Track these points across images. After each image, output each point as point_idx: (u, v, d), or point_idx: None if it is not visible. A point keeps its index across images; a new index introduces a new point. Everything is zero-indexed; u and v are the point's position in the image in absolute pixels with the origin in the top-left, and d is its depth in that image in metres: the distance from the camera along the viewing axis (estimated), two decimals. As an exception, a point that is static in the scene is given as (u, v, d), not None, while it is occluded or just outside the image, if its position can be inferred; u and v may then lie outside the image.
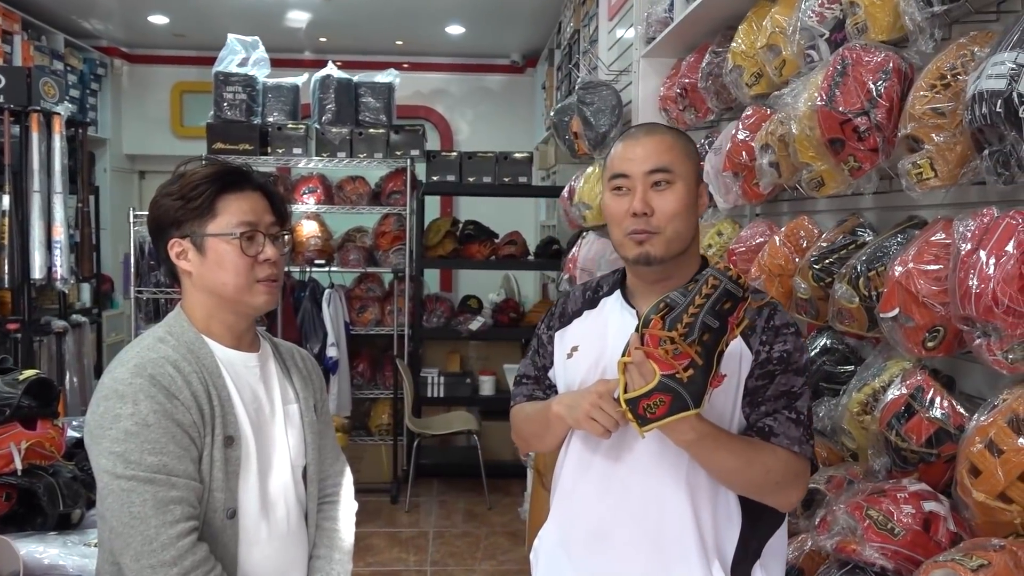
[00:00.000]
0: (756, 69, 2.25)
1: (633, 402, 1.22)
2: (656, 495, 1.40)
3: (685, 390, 1.20)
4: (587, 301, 1.59)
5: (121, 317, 6.08)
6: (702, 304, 1.20)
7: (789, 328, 1.40)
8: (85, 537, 1.66)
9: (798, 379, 1.38)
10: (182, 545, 1.27)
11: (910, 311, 1.45)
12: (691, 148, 1.48)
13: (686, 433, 1.27)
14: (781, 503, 1.39)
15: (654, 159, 1.43)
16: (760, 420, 1.37)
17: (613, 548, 1.43)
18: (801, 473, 1.37)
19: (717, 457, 1.32)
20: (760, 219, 2.44)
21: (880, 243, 1.67)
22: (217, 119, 5.04)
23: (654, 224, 1.41)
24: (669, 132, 1.48)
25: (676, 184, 1.42)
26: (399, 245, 5.26)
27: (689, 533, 1.38)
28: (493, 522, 4.72)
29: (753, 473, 1.33)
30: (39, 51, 5.82)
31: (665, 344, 1.19)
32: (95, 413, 1.32)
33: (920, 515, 1.35)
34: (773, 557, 1.43)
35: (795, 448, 1.35)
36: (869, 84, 1.59)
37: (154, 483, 1.27)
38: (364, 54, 7.12)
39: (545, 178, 6.61)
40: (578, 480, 1.50)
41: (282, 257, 1.46)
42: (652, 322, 1.21)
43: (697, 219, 1.48)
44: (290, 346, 1.62)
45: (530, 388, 1.62)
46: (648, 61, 3.16)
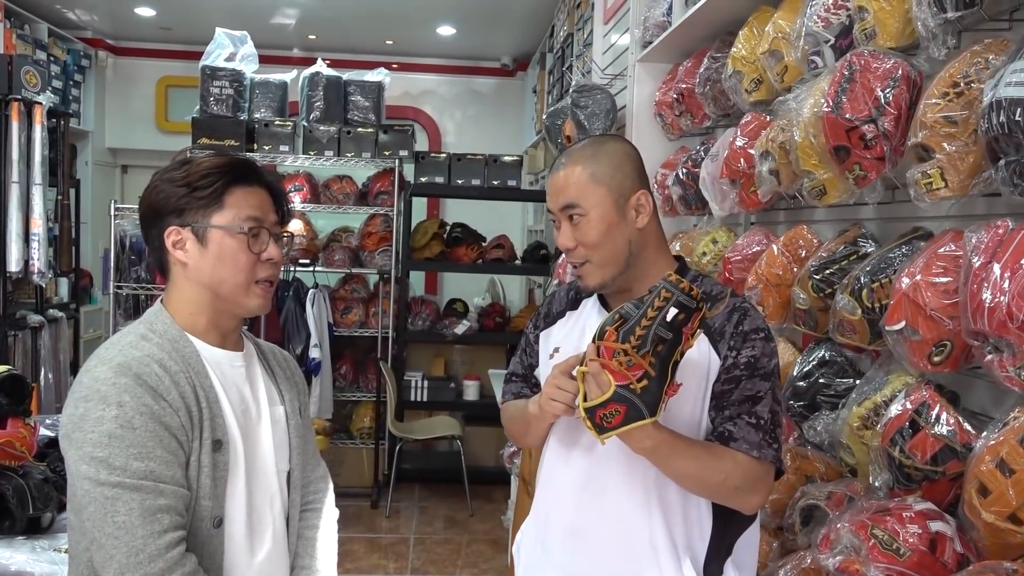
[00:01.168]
0: (756, 75, 2.21)
1: (591, 411, 1.25)
2: (627, 495, 1.43)
3: (640, 400, 1.23)
4: (570, 302, 1.63)
5: (99, 313, 5.96)
6: (654, 317, 1.23)
7: (758, 333, 1.41)
8: (55, 542, 1.59)
9: (764, 384, 1.39)
10: (171, 556, 1.19)
11: (916, 324, 1.41)
12: (604, 167, 1.45)
13: (643, 441, 1.30)
14: (743, 506, 1.41)
15: (561, 196, 1.47)
16: (722, 425, 1.39)
17: (587, 546, 1.46)
18: (761, 478, 1.38)
19: (675, 464, 1.35)
20: (756, 227, 2.41)
21: (884, 254, 1.63)
22: (203, 114, 4.96)
23: (581, 255, 1.47)
24: (579, 158, 1.47)
25: (589, 214, 1.44)
26: (385, 246, 5.20)
27: (659, 533, 1.41)
28: (475, 529, 4.65)
29: (711, 478, 1.36)
30: (22, 40, 5.71)
31: (619, 356, 1.22)
32: (73, 415, 1.23)
33: (926, 535, 1.31)
34: (744, 553, 1.47)
35: (754, 453, 1.36)
36: (877, 91, 1.55)
37: (141, 490, 1.19)
38: (354, 53, 7.05)
39: (534, 182, 6.56)
40: (555, 478, 1.54)
41: (283, 259, 1.41)
42: (607, 333, 1.24)
43: (631, 232, 1.46)
44: (271, 346, 1.55)
45: (518, 386, 1.68)
46: (644, 65, 3.13)
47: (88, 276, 6.07)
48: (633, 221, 1.46)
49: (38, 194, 3.93)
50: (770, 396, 1.40)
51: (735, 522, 1.45)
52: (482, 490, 5.07)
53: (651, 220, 1.49)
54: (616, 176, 1.46)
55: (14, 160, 3.82)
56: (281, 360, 1.53)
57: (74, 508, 1.27)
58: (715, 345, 1.40)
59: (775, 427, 1.40)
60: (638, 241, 1.47)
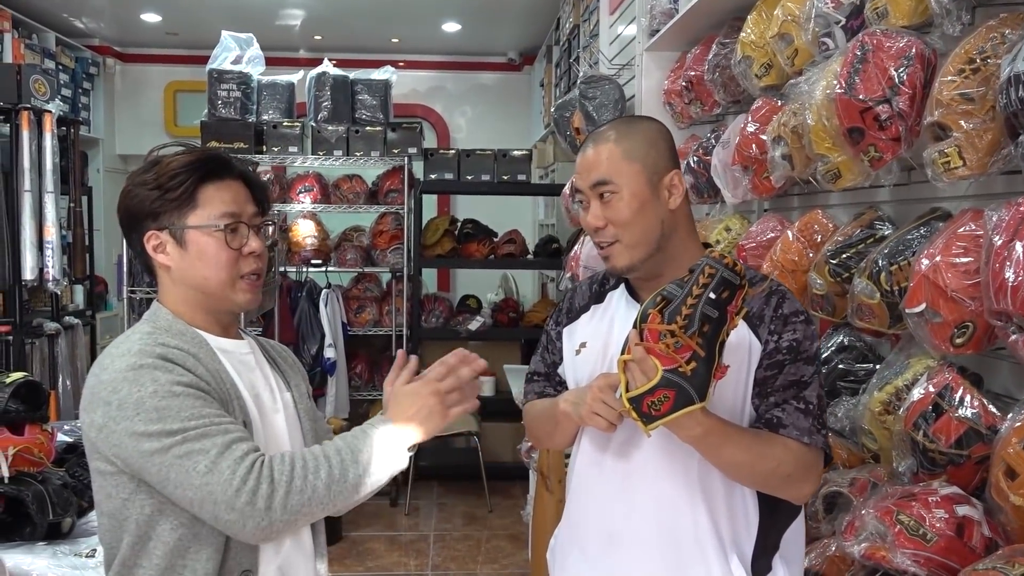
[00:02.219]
0: (766, 59, 2.19)
1: (636, 400, 1.19)
2: (669, 494, 1.38)
3: (689, 384, 1.17)
4: (594, 295, 1.57)
5: (115, 319, 5.99)
6: (700, 294, 1.17)
7: (798, 316, 1.37)
8: (76, 547, 1.59)
9: (808, 368, 1.35)
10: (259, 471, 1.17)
11: (937, 306, 1.39)
12: (639, 144, 1.42)
13: (692, 428, 1.25)
14: (793, 496, 1.36)
15: (594, 172, 1.42)
16: (769, 411, 1.34)
17: (628, 548, 1.41)
18: (813, 465, 1.33)
19: (725, 452, 1.29)
20: (770, 214, 2.38)
21: (902, 236, 1.61)
22: (211, 117, 4.97)
23: (610, 235, 1.42)
24: (612, 135, 1.43)
25: (621, 192, 1.40)
26: (397, 244, 5.19)
27: (705, 530, 1.36)
28: (494, 525, 4.65)
29: (763, 467, 1.31)
30: (30, 49, 5.74)
31: (665, 338, 1.17)
32: (107, 411, 1.20)
33: (953, 520, 1.29)
34: (791, 546, 1.42)
35: (804, 439, 1.31)
36: (891, 71, 1.53)
37: (207, 436, 1.17)
38: (360, 52, 7.05)
39: (543, 176, 6.54)
40: (590, 479, 1.48)
41: (266, 250, 1.38)
42: (650, 316, 1.19)
43: (664, 212, 1.42)
44: (266, 339, 1.55)
45: (541, 385, 1.62)
46: (652, 54, 3.10)
47: (103, 283, 6.10)
48: (666, 201, 1.42)
49: (50, 202, 3.94)
50: (816, 381, 1.35)
51: (782, 514, 1.40)
52: (500, 486, 5.07)
53: (683, 202, 1.44)
54: (650, 153, 1.42)
55: (26, 168, 3.83)
56: (280, 351, 1.53)
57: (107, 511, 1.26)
58: (755, 330, 1.36)
59: (822, 412, 1.36)
60: (670, 222, 1.42)
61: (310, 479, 1.19)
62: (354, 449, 1.25)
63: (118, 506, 1.25)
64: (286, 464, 1.19)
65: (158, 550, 1.23)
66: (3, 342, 3.89)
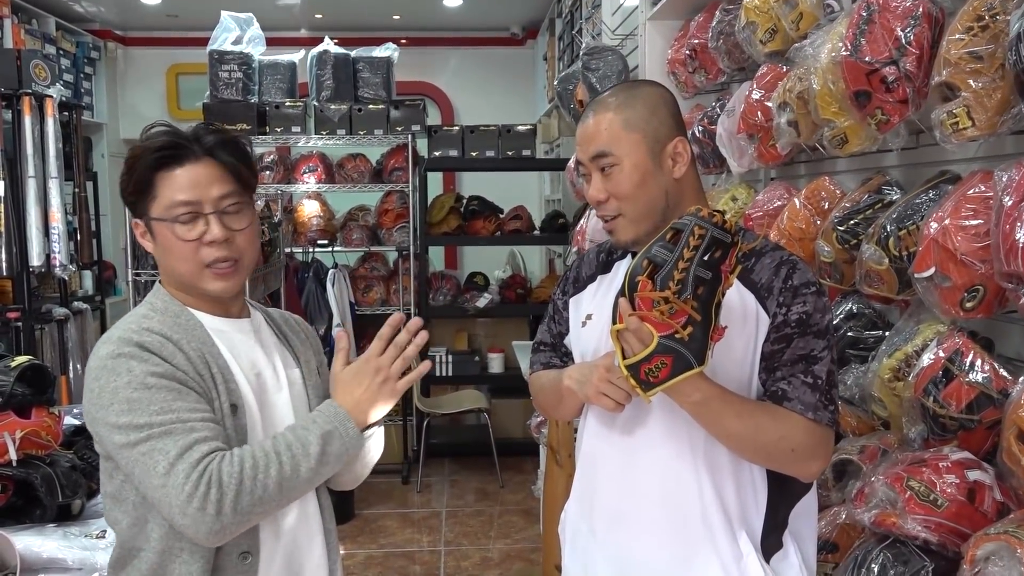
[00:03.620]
0: (771, 24, 2.15)
1: (634, 367, 1.17)
2: (675, 471, 1.35)
3: (686, 349, 1.15)
4: (600, 264, 1.54)
5: (124, 304, 6.01)
6: (691, 257, 1.14)
7: (809, 288, 1.31)
8: (86, 528, 1.59)
9: (818, 342, 1.29)
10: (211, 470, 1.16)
11: (947, 270, 1.37)
12: (639, 112, 1.37)
13: (691, 395, 1.22)
14: (801, 473, 1.31)
15: (593, 144, 1.38)
16: (775, 384, 1.30)
17: (634, 525, 1.38)
18: (820, 442, 1.28)
19: (726, 421, 1.25)
20: (776, 182, 2.36)
21: (910, 200, 1.59)
22: (213, 99, 4.94)
23: (613, 209, 1.38)
24: (611, 103, 1.38)
25: (622, 163, 1.36)
26: (403, 223, 5.18)
27: (712, 507, 1.32)
28: (506, 500, 4.67)
29: (765, 439, 1.26)
30: (30, 35, 5.71)
31: (659, 305, 1.13)
32: (90, 396, 1.22)
33: (964, 485, 1.28)
34: (801, 521, 1.38)
35: (809, 414, 1.26)
36: (897, 31, 1.50)
37: (172, 434, 1.16)
38: (361, 30, 6.98)
39: (548, 151, 6.50)
40: (596, 455, 1.46)
41: (239, 233, 1.30)
42: (640, 284, 1.15)
43: (668, 182, 1.37)
44: (281, 311, 1.51)
45: (547, 356, 1.59)
46: (655, 23, 3.06)
47: (112, 268, 6.11)
48: (670, 170, 1.37)
49: (55, 188, 3.93)
50: (827, 355, 1.30)
51: (790, 491, 1.36)
52: (511, 461, 5.09)
53: (689, 170, 1.39)
54: (651, 122, 1.36)
55: (29, 154, 3.82)
56: (292, 324, 1.49)
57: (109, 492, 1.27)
58: (763, 302, 1.31)
59: (831, 387, 1.30)
60: (675, 192, 1.38)
61: (260, 478, 1.18)
62: (304, 442, 1.23)
63: (117, 487, 1.26)
64: (235, 466, 1.17)
65: (155, 532, 1.24)
66: (12, 328, 3.90)
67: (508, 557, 3.94)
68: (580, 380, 1.36)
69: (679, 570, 1.34)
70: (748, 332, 1.31)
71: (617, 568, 1.40)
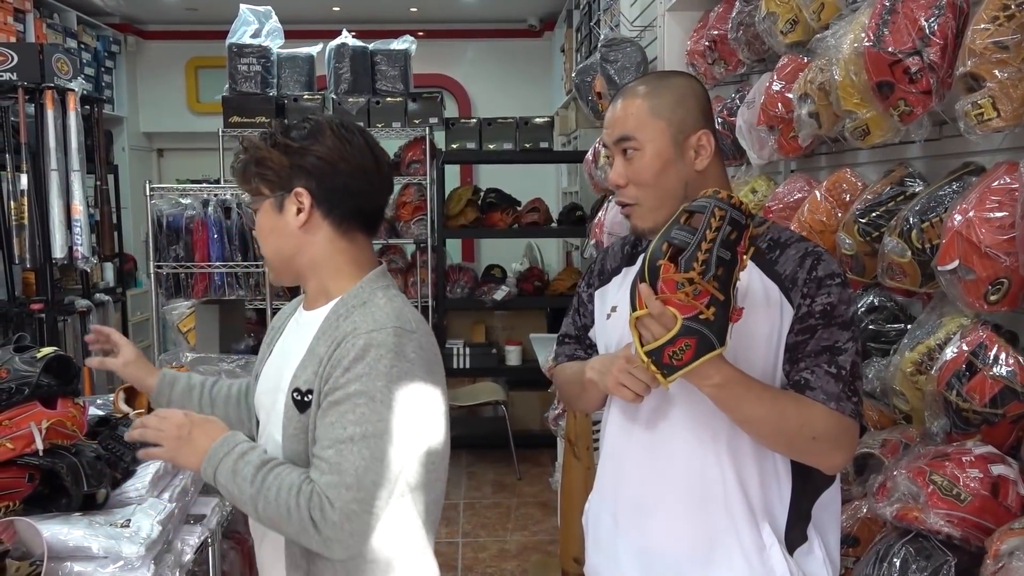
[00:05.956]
0: (792, 15, 2.13)
1: (657, 352, 1.17)
2: (699, 462, 1.34)
3: (709, 329, 1.15)
4: (626, 257, 1.54)
5: (145, 296, 6.04)
6: (713, 238, 1.15)
7: (834, 279, 1.30)
8: (111, 518, 1.61)
9: (843, 333, 1.28)
10: None
11: (971, 263, 1.35)
12: (667, 100, 1.37)
13: (712, 377, 1.21)
14: (825, 464, 1.30)
15: (618, 128, 1.39)
16: (798, 374, 1.29)
17: (658, 517, 1.38)
18: (843, 433, 1.26)
19: (746, 405, 1.25)
20: (797, 174, 2.34)
21: (933, 192, 1.57)
22: (232, 92, 4.97)
23: (631, 196, 1.40)
24: (641, 90, 1.39)
25: (644, 149, 1.37)
26: (420, 215, 5.18)
27: (735, 499, 1.32)
28: (523, 492, 4.68)
29: (786, 426, 1.25)
30: (52, 29, 5.76)
31: (684, 287, 1.14)
32: None
33: (988, 479, 1.27)
34: (826, 517, 1.37)
35: (831, 404, 1.25)
36: (921, 21, 1.48)
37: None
38: (378, 23, 7.00)
39: (566, 143, 6.49)
40: (619, 447, 1.46)
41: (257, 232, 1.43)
42: (663, 267, 1.15)
43: (688, 173, 1.37)
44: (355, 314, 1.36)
45: (571, 348, 1.60)
46: (674, 15, 3.04)
47: (132, 260, 6.16)
48: (691, 161, 1.37)
49: (77, 180, 3.96)
50: (852, 347, 1.28)
51: (814, 483, 1.35)
52: (528, 454, 5.09)
53: (712, 163, 1.39)
54: (677, 111, 1.37)
55: (52, 148, 3.85)
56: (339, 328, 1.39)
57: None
58: (787, 293, 1.30)
59: (855, 379, 1.29)
60: (696, 184, 1.36)
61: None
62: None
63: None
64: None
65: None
66: (36, 319, 3.95)
67: (526, 549, 3.95)
68: (601, 371, 1.37)
69: (702, 560, 1.34)
70: (772, 323, 1.30)
71: (641, 558, 1.40)
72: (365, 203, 1.40)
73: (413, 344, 1.31)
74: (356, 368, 1.27)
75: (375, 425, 1.25)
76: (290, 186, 1.35)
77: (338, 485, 1.24)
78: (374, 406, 1.26)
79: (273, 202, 1.37)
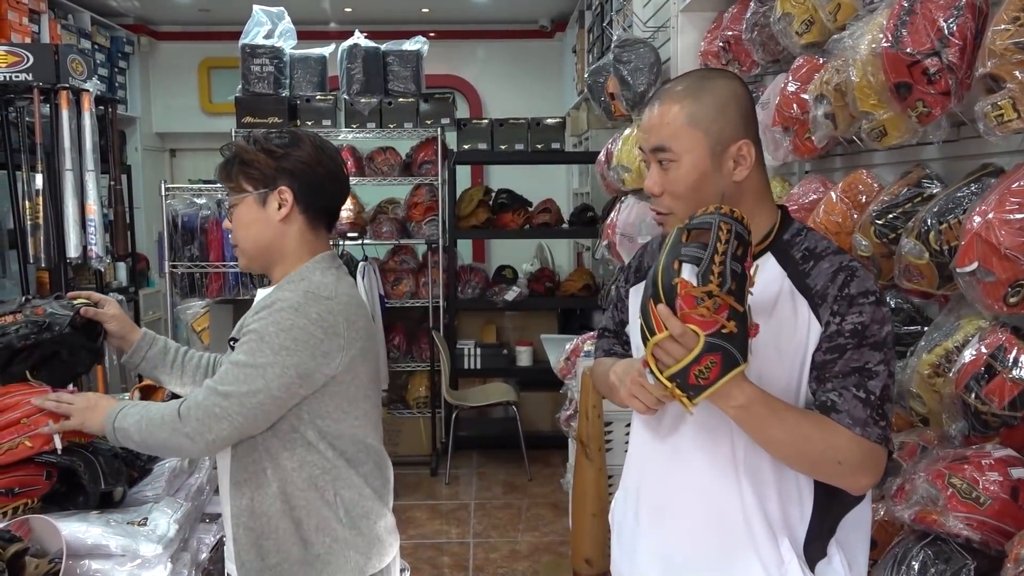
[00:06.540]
0: (807, 16, 2.13)
1: (682, 373, 1.13)
2: (719, 472, 1.32)
3: (732, 344, 1.12)
4: None
5: (157, 295, 6.09)
6: (725, 251, 1.12)
7: (867, 297, 1.24)
8: (128, 516, 1.62)
9: (874, 354, 1.23)
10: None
11: (990, 265, 1.35)
12: (707, 108, 1.29)
13: (736, 398, 1.18)
14: (850, 486, 1.26)
15: (654, 136, 1.33)
16: (825, 394, 1.25)
17: (678, 523, 1.37)
18: (869, 457, 1.22)
19: (769, 428, 1.21)
20: (812, 175, 2.33)
21: (951, 194, 1.56)
22: (245, 92, 4.99)
23: (665, 205, 1.34)
24: (679, 94, 1.31)
25: (681, 160, 1.30)
26: (432, 216, 5.19)
27: (753, 512, 1.29)
28: (534, 493, 4.68)
29: (810, 449, 1.22)
30: (66, 30, 5.80)
31: (703, 301, 1.11)
32: None
33: (1008, 482, 1.26)
34: (852, 531, 1.33)
35: (856, 430, 1.20)
36: (940, 21, 1.47)
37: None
38: (390, 23, 7.02)
39: (577, 144, 6.49)
40: (644, 448, 1.45)
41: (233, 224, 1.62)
42: (679, 284, 1.12)
43: (726, 185, 1.30)
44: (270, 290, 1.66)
45: (609, 343, 1.61)
46: (687, 15, 3.04)
47: (145, 260, 6.19)
48: (730, 173, 1.30)
49: (91, 180, 3.98)
50: (884, 369, 1.23)
51: (840, 501, 1.30)
52: (539, 455, 5.09)
53: (752, 173, 1.32)
54: (717, 121, 1.29)
55: (66, 148, 3.87)
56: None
57: None
58: (815, 309, 1.25)
59: (884, 403, 1.23)
60: (732, 195, 1.30)
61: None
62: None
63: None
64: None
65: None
66: (51, 319, 3.97)
67: (537, 550, 3.95)
68: (620, 378, 1.36)
69: (721, 570, 1.33)
70: (799, 339, 1.26)
71: (661, 561, 1.39)
72: (331, 203, 1.67)
73: (320, 308, 1.54)
74: (260, 314, 1.55)
75: (256, 357, 1.50)
76: (275, 185, 1.59)
77: (211, 390, 1.52)
78: (261, 344, 1.51)
79: (256, 198, 1.60)
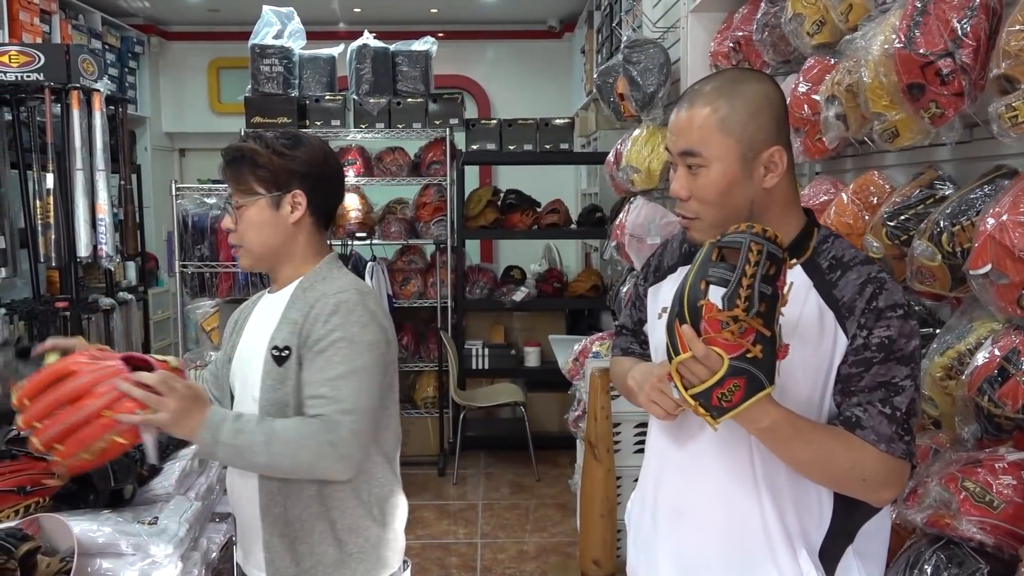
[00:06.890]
0: (819, 16, 2.12)
1: (705, 394, 1.12)
2: (738, 480, 1.31)
3: (758, 368, 1.11)
4: (683, 256, 1.48)
5: (166, 295, 6.11)
6: (754, 273, 1.10)
7: (896, 310, 1.22)
8: (139, 514, 1.63)
9: (901, 369, 1.21)
10: None
11: (1004, 267, 1.34)
12: (739, 113, 1.26)
13: (761, 420, 1.17)
14: (872, 499, 1.25)
15: (682, 139, 1.29)
16: (849, 409, 1.23)
17: (695, 528, 1.36)
18: (893, 472, 1.21)
19: (794, 448, 1.20)
20: (823, 176, 2.33)
21: (964, 196, 1.56)
22: (255, 93, 5.00)
23: (692, 211, 1.31)
24: (711, 96, 1.27)
25: (710, 167, 1.26)
26: (440, 216, 5.19)
27: (772, 521, 1.29)
28: (542, 494, 4.68)
29: (835, 467, 1.21)
30: (77, 30, 5.82)
31: (728, 325, 1.09)
32: None
33: (1021, 486, 1.25)
34: (868, 540, 1.31)
35: (881, 446, 1.19)
36: (953, 22, 1.47)
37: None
38: (399, 24, 7.03)
39: (586, 145, 6.48)
40: (662, 451, 1.44)
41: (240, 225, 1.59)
42: (705, 307, 1.11)
43: (756, 191, 1.28)
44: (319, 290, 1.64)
45: (627, 341, 1.61)
46: (697, 16, 3.03)
47: (154, 259, 6.22)
48: (760, 179, 1.27)
49: (102, 180, 4.00)
50: (910, 384, 1.22)
51: (860, 511, 1.29)
52: (547, 455, 5.09)
53: (783, 180, 1.29)
54: (749, 126, 1.25)
55: (77, 147, 3.89)
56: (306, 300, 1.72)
57: None
58: (842, 322, 1.23)
59: (909, 417, 1.21)
60: (762, 202, 1.28)
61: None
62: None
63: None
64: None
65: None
66: (61, 317, 3.99)
67: (544, 551, 3.95)
68: (639, 383, 1.35)
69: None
70: (824, 351, 1.25)
71: (678, 565, 1.39)
72: (335, 203, 1.69)
73: (371, 300, 1.60)
74: (333, 320, 1.54)
75: (356, 361, 1.51)
76: (289, 188, 1.59)
77: (339, 412, 1.48)
78: (353, 347, 1.52)
79: (269, 200, 1.59)
